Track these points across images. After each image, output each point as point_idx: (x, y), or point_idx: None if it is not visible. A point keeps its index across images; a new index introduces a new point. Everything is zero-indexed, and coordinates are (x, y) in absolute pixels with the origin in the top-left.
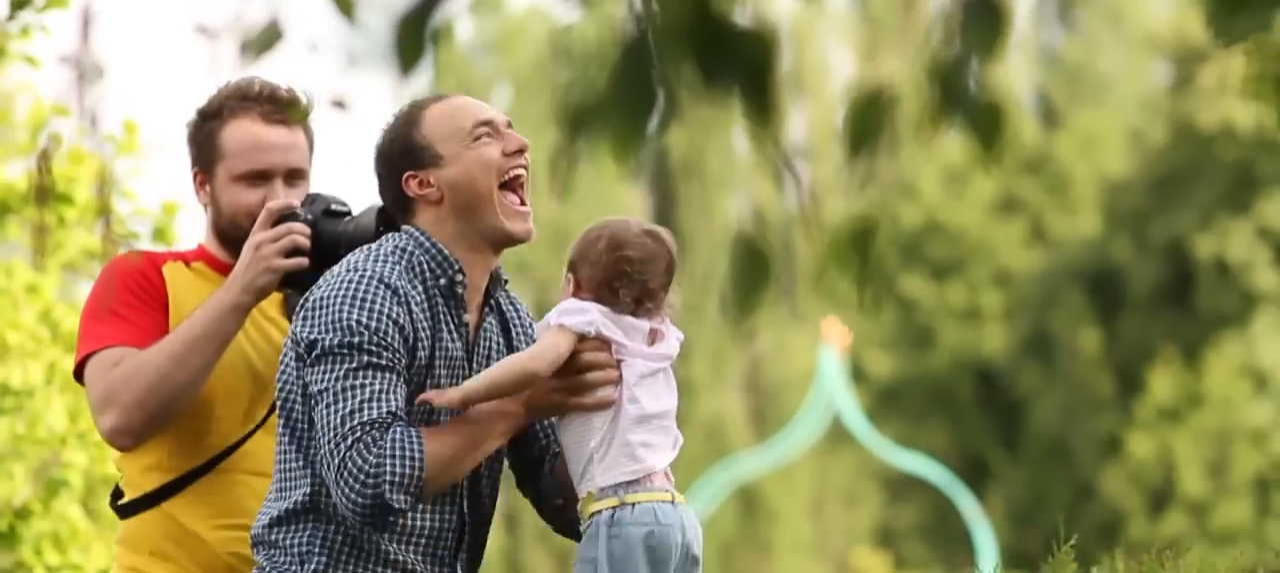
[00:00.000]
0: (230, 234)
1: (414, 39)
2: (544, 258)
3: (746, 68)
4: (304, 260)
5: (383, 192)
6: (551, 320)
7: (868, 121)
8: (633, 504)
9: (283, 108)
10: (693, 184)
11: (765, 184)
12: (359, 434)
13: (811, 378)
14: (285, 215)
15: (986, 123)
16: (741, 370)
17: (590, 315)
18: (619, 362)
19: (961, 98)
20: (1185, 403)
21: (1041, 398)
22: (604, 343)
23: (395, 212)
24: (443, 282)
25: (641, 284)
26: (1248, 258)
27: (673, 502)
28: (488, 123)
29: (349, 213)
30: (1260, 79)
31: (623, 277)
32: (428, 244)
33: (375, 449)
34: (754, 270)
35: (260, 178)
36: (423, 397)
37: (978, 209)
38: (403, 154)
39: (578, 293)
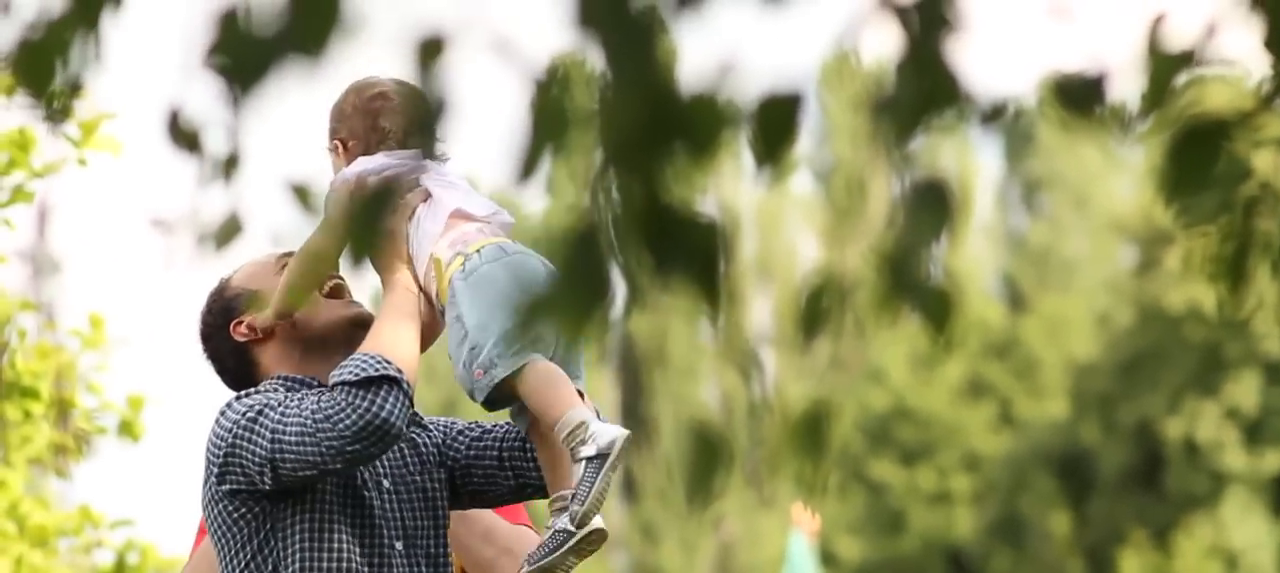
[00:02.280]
0: None
1: (369, 229)
2: None
3: (698, 256)
4: None
5: (224, 366)
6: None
7: (822, 307)
8: (478, 249)
9: None
10: (661, 371)
11: (731, 371)
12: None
13: (782, 563)
14: None
15: (938, 308)
16: (712, 556)
17: (373, 164)
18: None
19: (913, 283)
20: None
21: None
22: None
23: (241, 377)
24: None
25: (407, 117)
26: (1217, 439)
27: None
28: (288, 254)
29: None
30: (1220, 260)
31: (384, 112)
32: (288, 378)
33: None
34: (710, 458)
35: None
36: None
37: (946, 393)
38: (222, 312)
39: (348, 158)
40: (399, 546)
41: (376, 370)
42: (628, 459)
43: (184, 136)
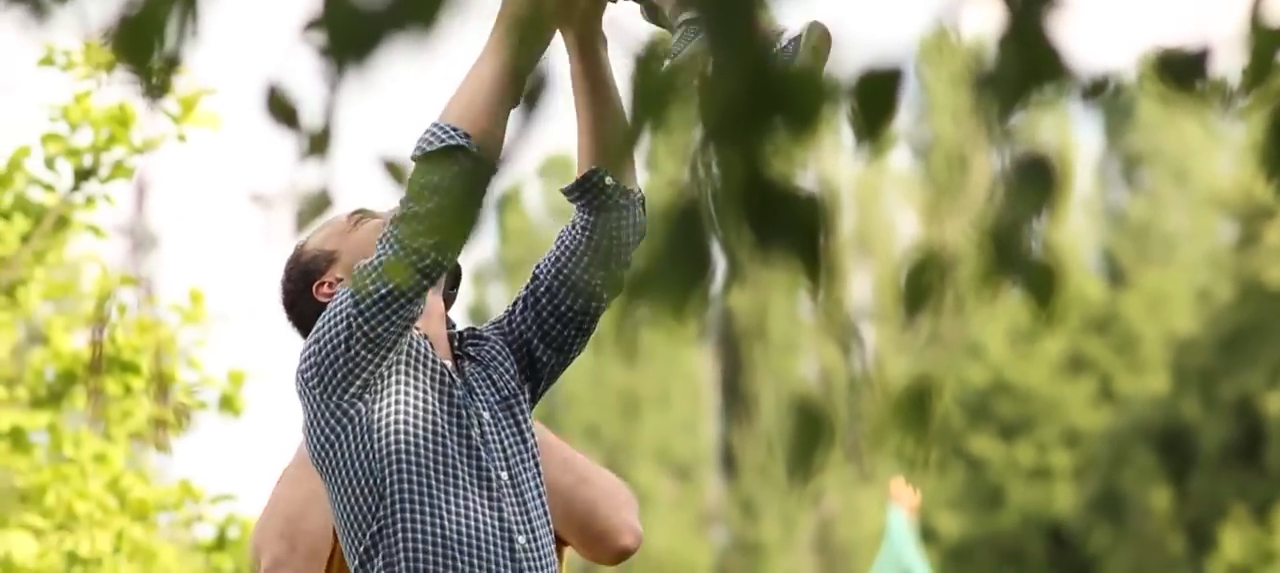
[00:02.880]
0: None
1: (468, 208)
2: (615, 423)
3: (799, 231)
4: None
5: (303, 318)
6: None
7: (924, 283)
8: None
9: None
10: (760, 346)
11: (831, 346)
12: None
13: (881, 539)
14: None
15: (1042, 283)
16: (811, 531)
17: None
18: None
19: (1016, 258)
20: (1257, 561)
21: (1113, 557)
22: None
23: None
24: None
25: None
26: None
27: None
28: (360, 210)
29: None
30: None
31: None
32: None
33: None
34: (812, 433)
35: None
36: None
37: (1045, 368)
38: (302, 276)
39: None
40: (505, 477)
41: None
42: (728, 432)
43: (282, 111)
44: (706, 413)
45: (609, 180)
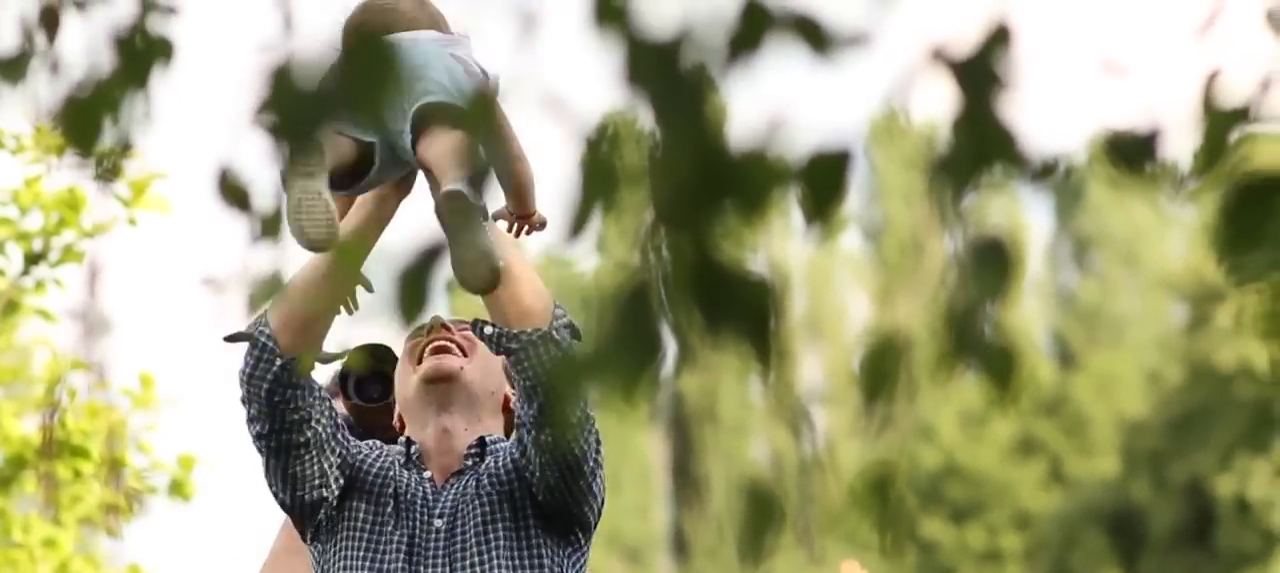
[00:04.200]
0: None
1: (416, 291)
2: None
3: (749, 314)
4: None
5: None
6: None
7: (883, 367)
8: None
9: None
10: (710, 429)
11: (782, 429)
12: None
13: None
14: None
15: (999, 366)
16: None
17: None
18: None
19: (973, 341)
20: None
21: None
22: None
23: None
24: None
25: None
26: (1268, 497)
27: None
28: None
29: None
30: (1272, 318)
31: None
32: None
33: None
34: (763, 516)
35: None
36: None
37: (996, 451)
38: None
39: None
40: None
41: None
42: (679, 515)
43: (234, 194)
44: (657, 496)
45: (488, 330)
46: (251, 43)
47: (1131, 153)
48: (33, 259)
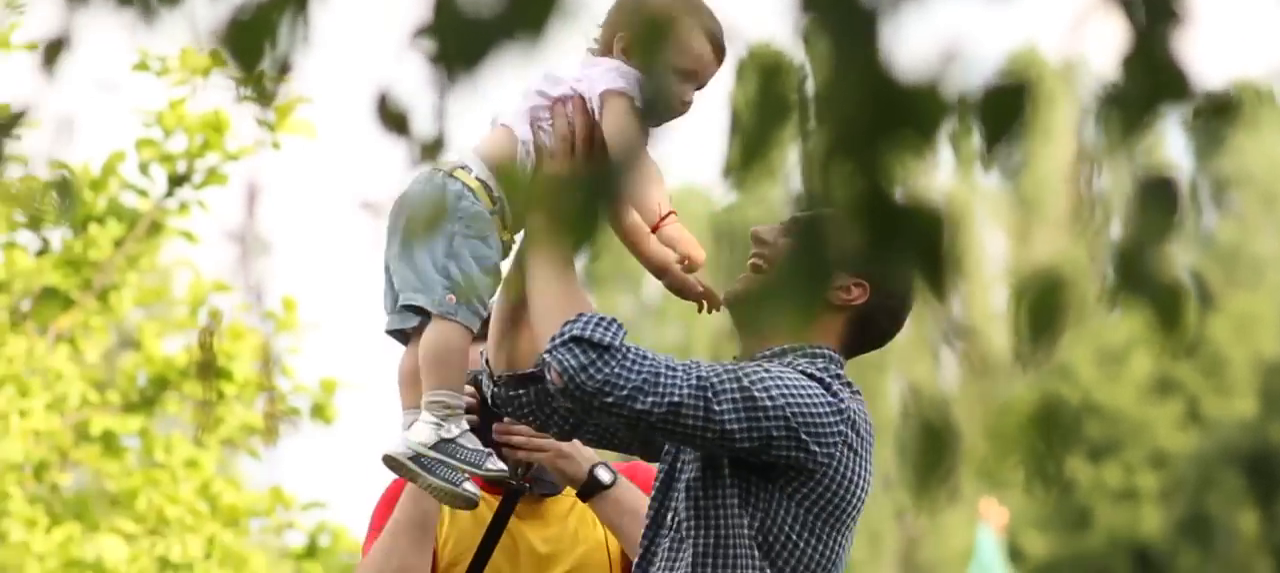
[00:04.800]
0: None
1: (587, 218)
2: None
3: (922, 244)
4: (471, 418)
5: None
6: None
7: (1046, 304)
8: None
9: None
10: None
11: (922, 363)
12: None
13: (967, 558)
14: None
15: (1169, 306)
16: (897, 549)
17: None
18: None
19: (1143, 280)
20: None
21: None
22: None
23: None
24: None
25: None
26: None
27: None
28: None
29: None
30: None
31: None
32: None
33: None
34: (937, 451)
35: None
36: None
37: (1133, 391)
38: None
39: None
40: None
41: None
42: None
43: (392, 119)
44: None
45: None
46: None
47: None
48: (176, 181)
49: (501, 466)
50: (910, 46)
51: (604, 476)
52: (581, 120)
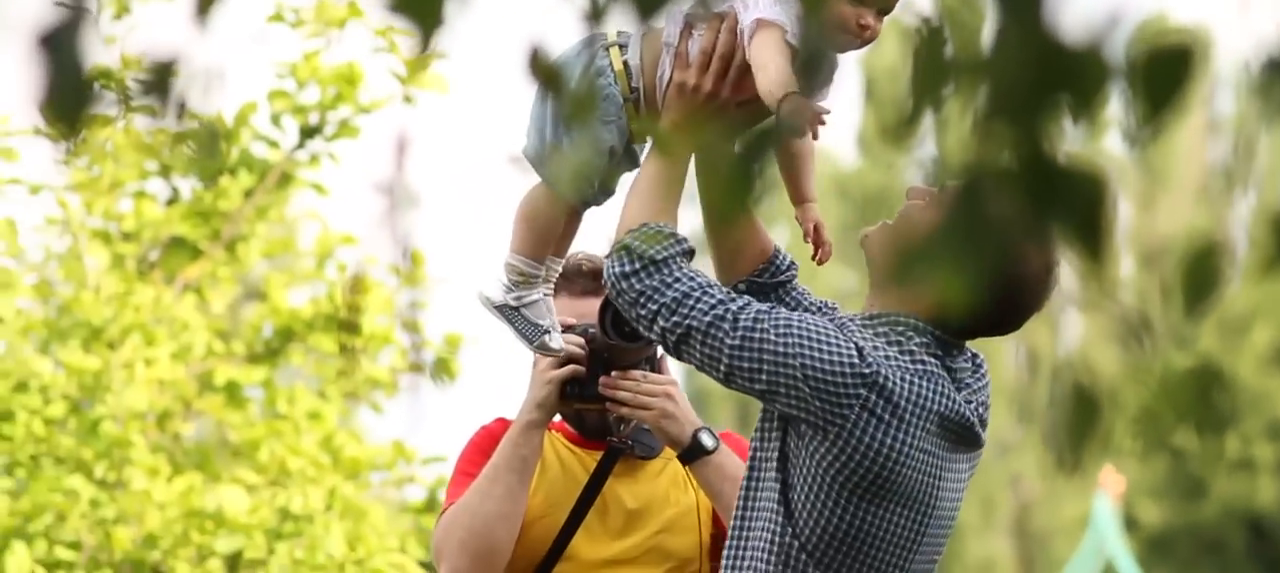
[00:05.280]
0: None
1: (743, 177)
2: None
3: (1083, 209)
4: (576, 368)
5: None
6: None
7: (1205, 271)
8: None
9: (593, 279)
10: None
11: (1041, 331)
12: None
13: (1082, 525)
14: (567, 330)
15: None
16: (1011, 515)
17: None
18: None
19: None
20: None
21: None
22: None
23: None
24: None
25: None
26: None
27: None
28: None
29: None
30: None
31: None
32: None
33: None
34: (1086, 417)
35: None
36: None
37: (1253, 360)
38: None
39: None
40: None
41: None
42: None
43: (545, 73)
44: None
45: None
46: None
47: None
48: (308, 133)
49: (559, 343)
50: (1077, 10)
51: (707, 441)
52: (726, 39)
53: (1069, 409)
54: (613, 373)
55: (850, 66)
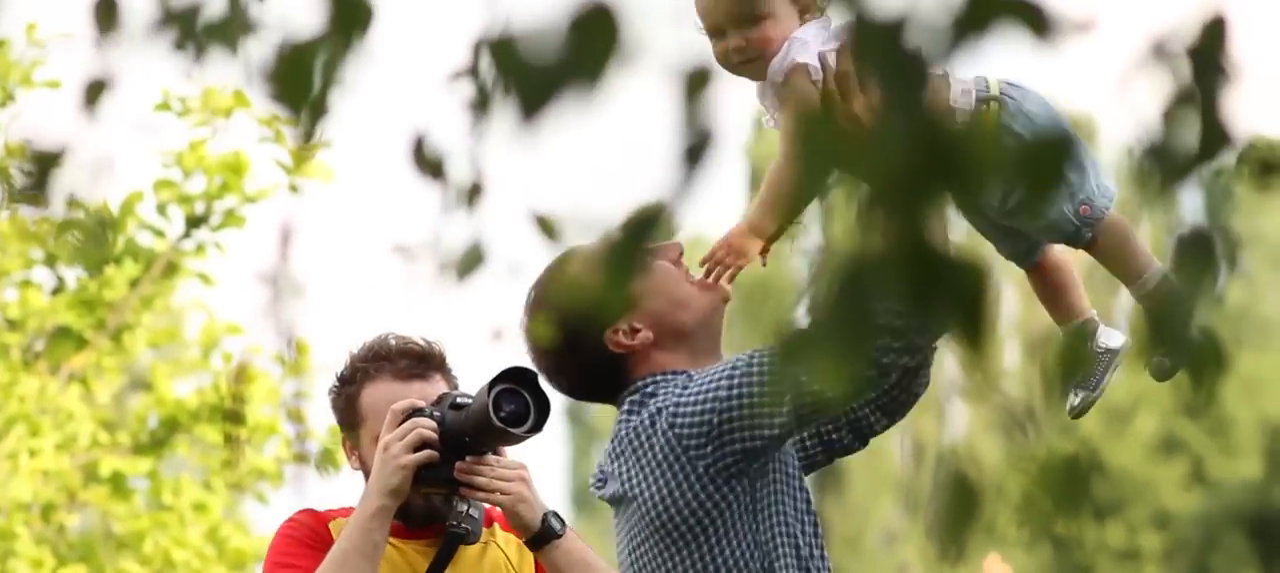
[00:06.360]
0: None
1: (623, 265)
2: None
3: (963, 299)
4: (432, 453)
5: (584, 380)
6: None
7: (1077, 358)
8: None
9: (417, 362)
10: None
11: (927, 421)
12: None
13: None
14: (411, 413)
15: (1204, 361)
16: None
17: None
18: None
19: (1178, 335)
20: None
21: None
22: None
23: (602, 387)
24: None
25: None
26: None
27: None
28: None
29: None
30: None
31: None
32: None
33: None
34: (966, 505)
35: None
36: None
37: (1139, 449)
38: (582, 324)
39: (774, 31)
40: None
41: None
42: (820, 502)
43: (428, 163)
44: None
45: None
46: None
47: None
48: (194, 222)
49: None
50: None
51: (557, 525)
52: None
53: (950, 498)
54: (466, 458)
55: (735, 154)
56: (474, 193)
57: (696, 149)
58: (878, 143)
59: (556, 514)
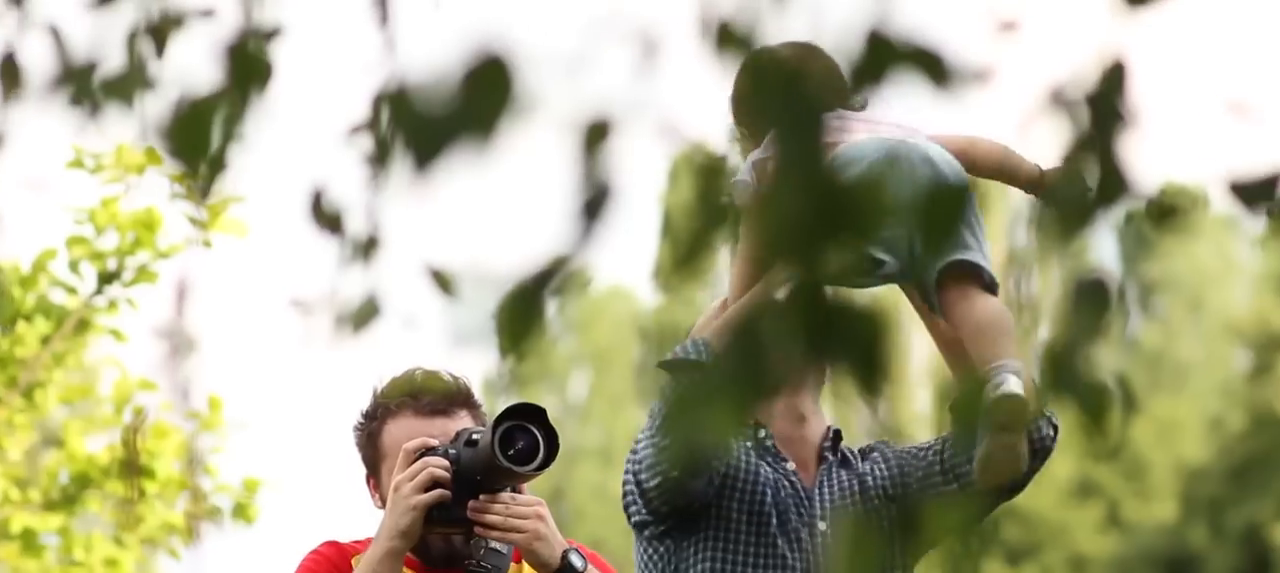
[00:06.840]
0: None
1: (522, 319)
2: (621, 538)
3: (861, 347)
4: (444, 493)
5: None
6: None
7: (975, 407)
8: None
9: (441, 398)
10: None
11: None
12: None
13: None
14: (423, 452)
15: (1098, 406)
16: None
17: None
18: None
19: (1072, 380)
20: None
21: None
22: None
23: None
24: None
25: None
26: None
27: None
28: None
29: None
30: None
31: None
32: None
33: None
34: (867, 548)
35: None
36: None
37: (1053, 494)
38: None
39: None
40: None
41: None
42: None
43: (326, 217)
44: None
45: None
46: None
47: (1253, 195)
48: (106, 279)
49: None
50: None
51: (577, 561)
52: None
53: (845, 538)
54: (480, 496)
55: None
56: (370, 246)
57: (595, 202)
58: (774, 193)
59: (577, 550)
